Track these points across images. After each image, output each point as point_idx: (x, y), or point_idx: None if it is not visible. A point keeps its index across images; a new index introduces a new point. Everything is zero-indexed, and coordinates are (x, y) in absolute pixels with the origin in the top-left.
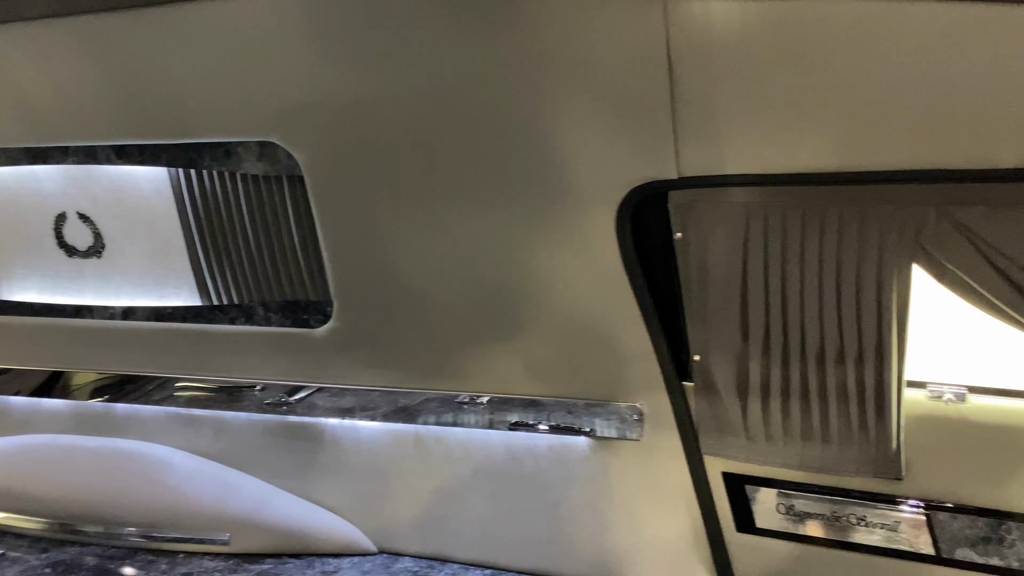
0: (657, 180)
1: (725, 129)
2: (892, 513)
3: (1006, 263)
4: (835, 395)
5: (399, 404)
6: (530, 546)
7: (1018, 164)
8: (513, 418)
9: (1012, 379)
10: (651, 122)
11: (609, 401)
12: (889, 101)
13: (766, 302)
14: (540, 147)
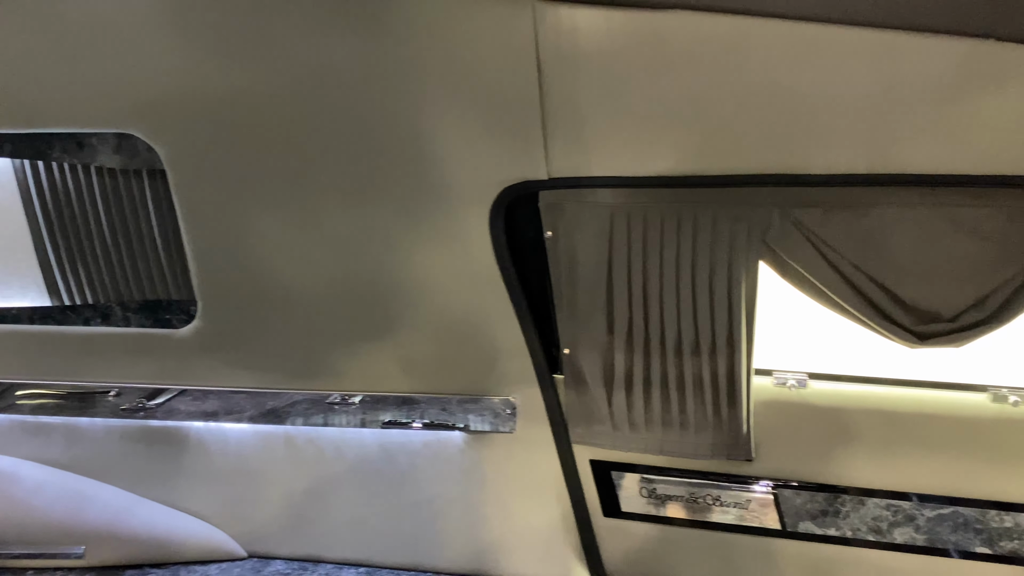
0: (528, 180)
1: (592, 133)
2: (743, 492)
3: (839, 259)
4: (692, 384)
5: (267, 407)
6: (405, 542)
7: (849, 170)
8: (386, 417)
9: (846, 365)
10: (522, 124)
11: (483, 396)
12: (739, 110)
13: (629, 298)
14: (414, 145)
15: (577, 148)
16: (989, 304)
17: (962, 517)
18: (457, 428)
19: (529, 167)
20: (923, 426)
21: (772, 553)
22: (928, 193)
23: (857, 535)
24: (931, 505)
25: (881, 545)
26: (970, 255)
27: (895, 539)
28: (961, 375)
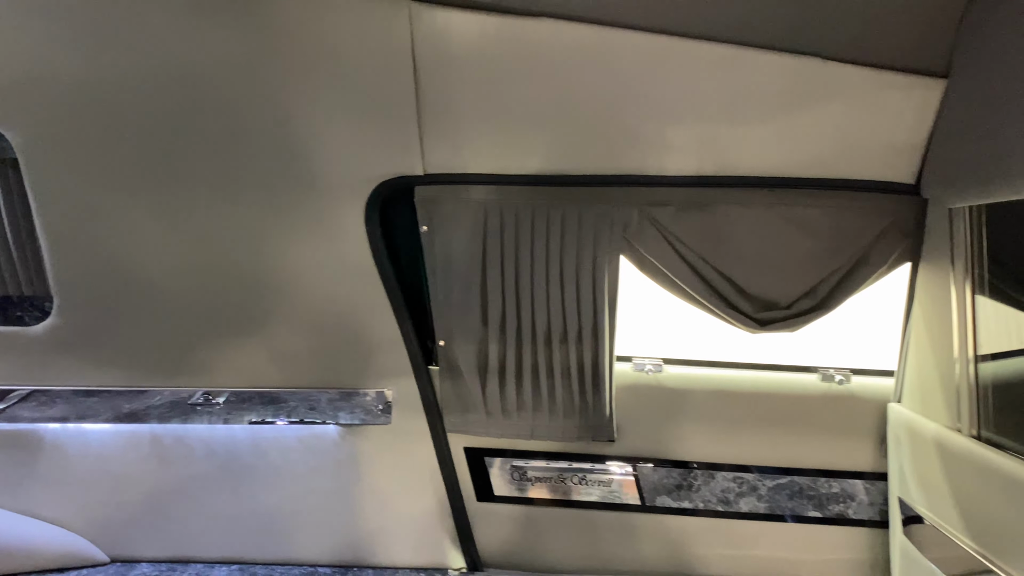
0: (404, 176)
1: (465, 131)
2: (607, 472)
3: (690, 253)
4: (560, 372)
5: (124, 410)
6: (279, 537)
7: (699, 172)
8: (252, 416)
9: (697, 351)
10: (399, 121)
11: (358, 389)
12: (601, 114)
13: (502, 290)
14: (287, 139)
15: (451, 145)
16: (818, 292)
17: (797, 485)
18: (328, 423)
19: (405, 163)
20: (763, 404)
21: (633, 526)
22: (766, 194)
23: (708, 506)
24: (771, 476)
25: (729, 514)
26: (802, 249)
27: (741, 508)
28: (794, 358)
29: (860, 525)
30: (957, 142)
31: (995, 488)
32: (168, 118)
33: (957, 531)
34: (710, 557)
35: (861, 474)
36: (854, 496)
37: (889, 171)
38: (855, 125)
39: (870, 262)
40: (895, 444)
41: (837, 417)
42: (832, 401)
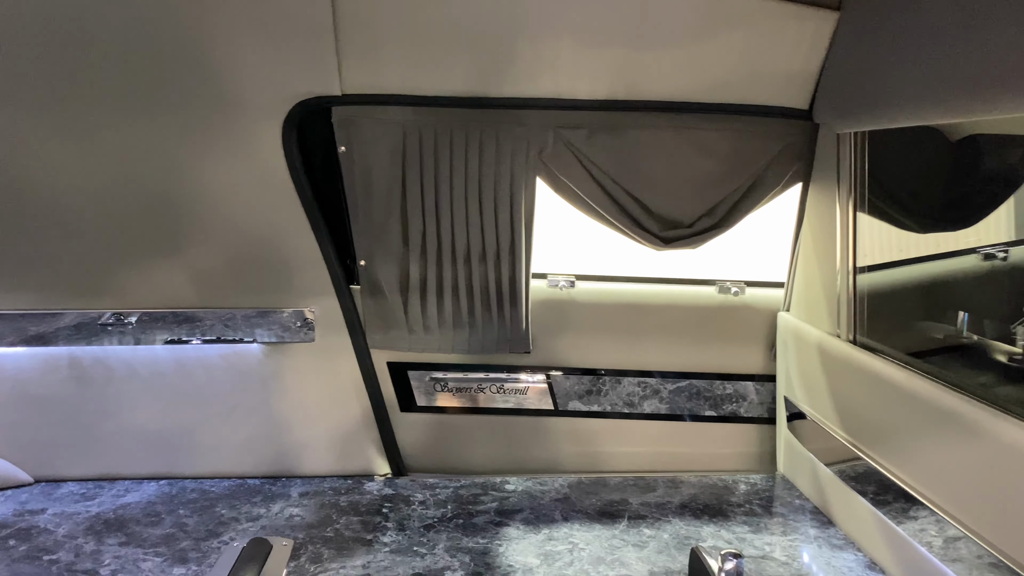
0: (321, 96)
1: (384, 52)
2: (523, 380)
3: (601, 176)
4: (479, 288)
5: (30, 333)
6: (206, 452)
7: (610, 96)
8: (165, 336)
9: (607, 268)
10: (316, 40)
11: (279, 308)
12: (515, 39)
13: (422, 210)
14: (201, 56)
15: (370, 66)
16: (718, 212)
17: (695, 388)
18: (247, 341)
19: (322, 83)
20: (665, 315)
21: (547, 429)
22: (673, 118)
23: (615, 408)
24: (671, 380)
25: (634, 415)
26: (704, 171)
27: (645, 409)
28: (695, 272)
29: (750, 422)
30: (846, 72)
31: (867, 387)
32: (73, 33)
33: (833, 425)
34: (617, 455)
35: (752, 376)
36: (746, 396)
37: (785, 97)
38: (755, 53)
39: (766, 183)
40: (783, 349)
41: (732, 326)
42: (728, 311)
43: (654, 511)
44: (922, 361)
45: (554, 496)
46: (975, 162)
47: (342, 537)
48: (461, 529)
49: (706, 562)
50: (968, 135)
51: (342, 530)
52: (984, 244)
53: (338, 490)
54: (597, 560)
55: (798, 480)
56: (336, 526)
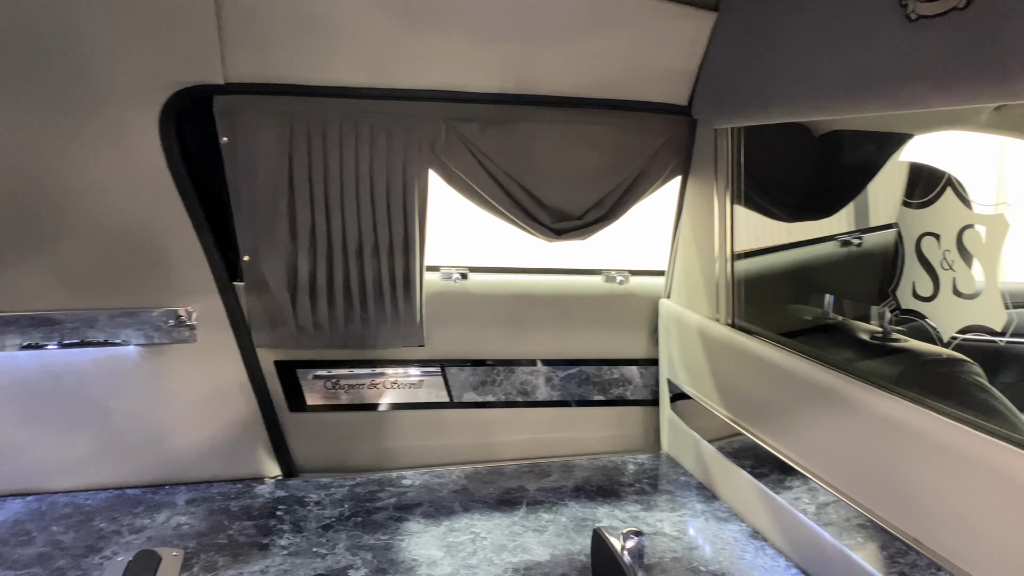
0: (202, 84)
1: (270, 39)
2: (417, 374)
3: (494, 168)
4: (371, 283)
5: None
6: (79, 464)
7: (501, 90)
8: (16, 340)
9: (500, 259)
10: (196, 26)
11: (151, 308)
12: (409, 29)
13: (311, 205)
14: (72, 43)
15: (254, 53)
16: (606, 203)
17: (584, 374)
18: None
19: (203, 71)
20: (555, 305)
21: (443, 422)
22: (562, 112)
23: (509, 398)
24: (562, 367)
25: (527, 404)
26: (592, 164)
27: (538, 397)
28: (582, 263)
29: (636, 404)
30: (723, 71)
31: (745, 367)
32: None
33: (714, 403)
34: (512, 443)
35: (637, 361)
36: (631, 380)
37: (666, 94)
38: (638, 51)
39: (649, 175)
40: (665, 334)
41: (617, 313)
42: (613, 299)
43: (551, 496)
44: (794, 341)
45: (452, 488)
46: (836, 156)
47: (236, 543)
48: (360, 527)
49: (609, 542)
50: (830, 130)
51: (236, 536)
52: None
53: (227, 495)
54: (500, 548)
55: (682, 458)
56: (229, 532)
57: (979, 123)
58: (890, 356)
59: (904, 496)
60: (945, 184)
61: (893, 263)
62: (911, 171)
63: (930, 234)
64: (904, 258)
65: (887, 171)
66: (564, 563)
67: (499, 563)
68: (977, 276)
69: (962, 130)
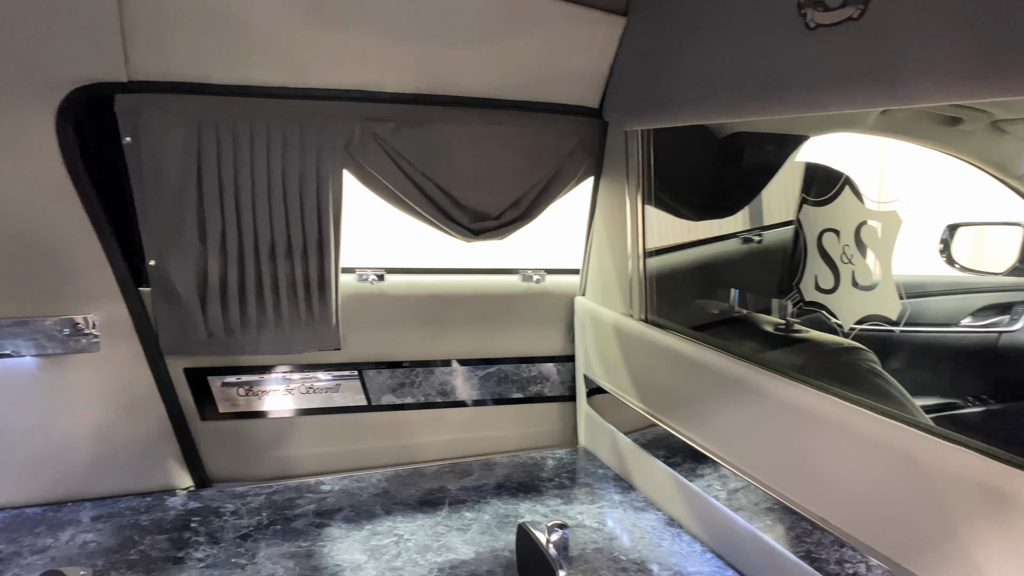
0: (103, 82)
1: (176, 36)
2: (334, 378)
3: (410, 168)
4: (285, 286)
5: None
6: None
7: (416, 90)
8: None
9: (416, 260)
10: (97, 20)
11: (44, 317)
12: (322, 28)
13: (221, 207)
14: None
15: (160, 50)
16: (522, 203)
17: (503, 372)
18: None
19: (105, 68)
20: (473, 304)
21: (361, 426)
22: (477, 113)
23: (429, 399)
24: (481, 367)
25: (447, 404)
26: (508, 165)
27: (457, 397)
28: (499, 262)
29: (554, 401)
30: (632, 74)
31: (659, 360)
32: None
33: (629, 397)
34: (433, 444)
35: (554, 358)
36: (549, 377)
37: (578, 96)
38: (550, 54)
39: (563, 176)
40: (580, 331)
41: (534, 311)
42: (530, 298)
43: (472, 494)
44: (704, 334)
45: (373, 491)
46: (737, 157)
47: (149, 558)
48: (280, 535)
49: (534, 536)
50: (731, 132)
51: (148, 551)
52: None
53: (137, 509)
54: (424, 548)
55: (599, 451)
56: (140, 547)
57: (868, 126)
58: (793, 346)
59: (809, 477)
60: (843, 183)
61: (794, 258)
62: (809, 171)
63: (830, 230)
64: (807, 253)
65: (785, 171)
66: (489, 560)
67: (424, 564)
68: (873, 269)
69: (853, 132)
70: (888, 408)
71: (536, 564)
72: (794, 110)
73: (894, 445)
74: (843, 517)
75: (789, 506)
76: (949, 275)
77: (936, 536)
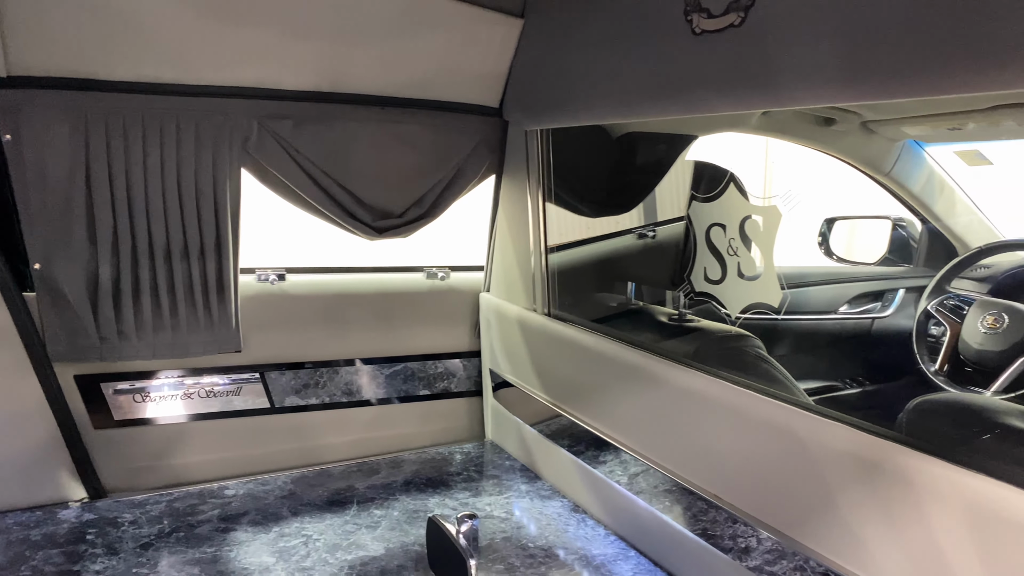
0: None
1: (61, 29)
2: (235, 381)
3: (310, 166)
4: (183, 288)
5: None
6: None
7: (315, 88)
8: None
9: (319, 259)
10: None
11: None
12: (216, 22)
13: (112, 206)
14: None
15: (42, 45)
16: (425, 201)
17: (410, 370)
18: None
19: None
20: (378, 303)
21: (264, 429)
22: (378, 111)
23: (334, 399)
24: (387, 365)
25: (352, 404)
26: (410, 163)
27: (363, 397)
28: (404, 260)
29: (460, 396)
30: (530, 75)
31: (561, 352)
32: None
33: (533, 388)
34: (339, 444)
35: (460, 354)
36: (455, 373)
37: (479, 96)
38: (450, 54)
39: (466, 174)
40: (486, 326)
41: (439, 308)
42: (435, 295)
43: (381, 492)
44: (604, 326)
45: (279, 494)
46: (631, 156)
47: (42, 573)
48: (184, 542)
49: (444, 528)
50: (625, 132)
51: (40, 566)
52: (638, 226)
53: (26, 524)
54: (333, 547)
55: (506, 443)
56: (32, 563)
57: (752, 126)
58: (686, 335)
59: (703, 458)
60: (728, 180)
61: (685, 252)
62: (697, 169)
63: (717, 224)
64: (696, 247)
65: (676, 169)
66: (400, 555)
67: (334, 562)
68: (757, 261)
69: (739, 132)
70: (773, 390)
71: (447, 555)
72: (683, 111)
73: (779, 424)
74: (735, 493)
75: (686, 486)
76: (827, 266)
77: (818, 506)
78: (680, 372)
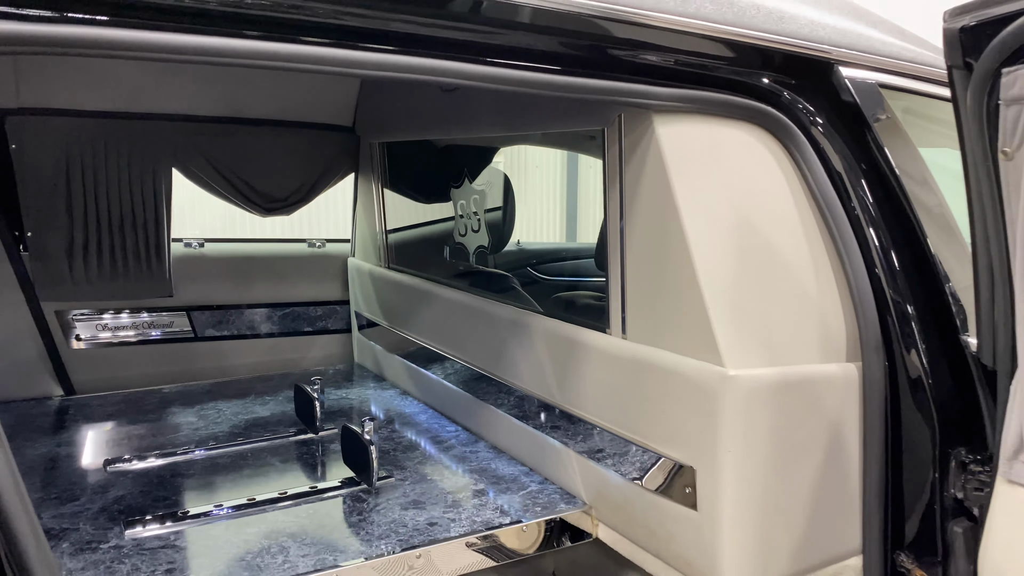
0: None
1: (54, 71)
2: (169, 316)
3: (220, 166)
4: (131, 251)
5: None
6: None
7: (216, 113)
8: None
9: (229, 232)
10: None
11: None
12: (155, 73)
13: (83, 193)
14: None
15: (40, 86)
16: (302, 191)
17: (296, 312)
18: None
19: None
20: (273, 264)
21: (189, 351)
22: (266, 129)
23: (240, 332)
24: (280, 309)
25: (255, 335)
26: (289, 166)
27: (263, 331)
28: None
29: (336, 333)
30: (374, 99)
31: (400, 293)
32: None
33: (384, 322)
34: (244, 364)
35: (333, 302)
36: (332, 315)
37: (337, 117)
38: (312, 83)
39: (330, 173)
40: (352, 281)
41: (319, 268)
42: (315, 259)
43: (272, 388)
44: (428, 273)
45: (200, 391)
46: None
47: (43, 429)
48: (134, 415)
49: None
50: (446, 144)
51: (41, 425)
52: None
53: (26, 408)
54: (236, 414)
55: (366, 363)
56: (36, 424)
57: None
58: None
59: (480, 347)
60: (464, 175)
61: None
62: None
63: (464, 201)
64: (462, 217)
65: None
66: (281, 417)
67: (237, 420)
68: (482, 221)
69: (516, 145)
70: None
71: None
72: (474, 132)
73: (513, 319)
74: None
75: (474, 368)
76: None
77: (517, 353)
78: (465, 296)
